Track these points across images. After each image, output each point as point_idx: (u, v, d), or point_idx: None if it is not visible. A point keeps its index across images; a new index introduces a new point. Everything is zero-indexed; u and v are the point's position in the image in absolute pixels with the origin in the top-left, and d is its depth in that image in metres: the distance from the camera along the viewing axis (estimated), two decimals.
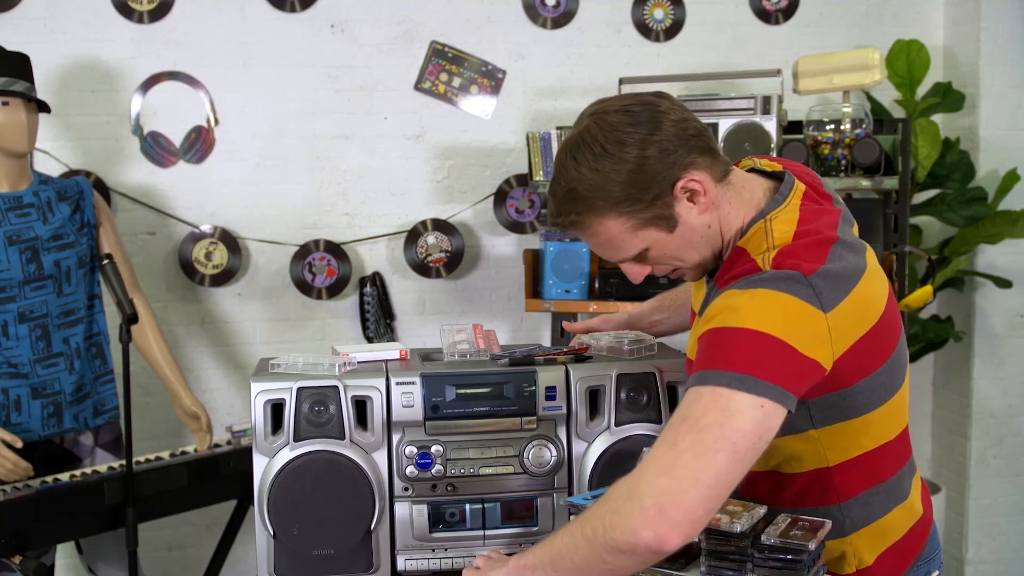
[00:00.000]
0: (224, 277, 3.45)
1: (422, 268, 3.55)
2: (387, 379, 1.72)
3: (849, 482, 1.54)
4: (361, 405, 1.71)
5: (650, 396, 1.76)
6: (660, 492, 1.28)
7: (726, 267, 1.53)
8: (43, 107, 2.66)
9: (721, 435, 1.30)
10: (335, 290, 3.51)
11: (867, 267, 1.49)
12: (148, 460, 2.62)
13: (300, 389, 1.68)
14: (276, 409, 1.69)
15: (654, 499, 1.28)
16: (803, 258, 1.42)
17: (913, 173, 3.33)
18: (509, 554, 1.54)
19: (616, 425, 1.74)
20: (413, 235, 3.55)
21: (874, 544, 1.56)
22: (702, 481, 1.28)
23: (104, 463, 2.65)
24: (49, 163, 3.27)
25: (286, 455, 1.66)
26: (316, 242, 3.49)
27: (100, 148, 3.36)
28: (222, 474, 2.66)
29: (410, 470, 1.71)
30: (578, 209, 1.49)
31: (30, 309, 2.59)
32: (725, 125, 2.98)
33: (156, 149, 3.40)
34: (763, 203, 1.53)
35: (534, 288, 3.25)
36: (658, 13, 3.68)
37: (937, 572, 1.66)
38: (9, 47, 2.63)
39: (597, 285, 3.16)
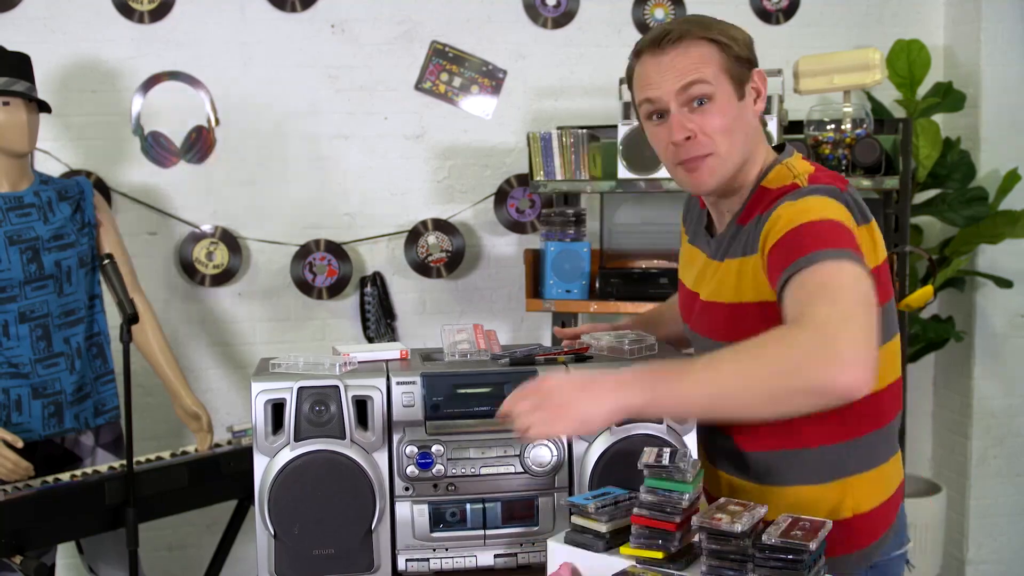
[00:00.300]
0: (225, 277, 3.45)
1: (423, 268, 3.55)
2: (388, 379, 1.72)
3: (860, 420, 1.60)
4: (362, 405, 1.70)
5: None
6: (850, 341, 1.31)
7: (752, 205, 1.61)
8: (44, 107, 2.66)
9: (859, 294, 1.38)
10: (336, 290, 3.51)
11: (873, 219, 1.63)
12: (148, 460, 2.61)
13: (301, 389, 1.68)
14: (277, 409, 1.69)
15: (846, 345, 1.31)
16: (834, 180, 1.58)
17: (914, 173, 3.33)
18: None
19: (617, 425, 1.74)
20: (414, 235, 3.55)
21: (872, 493, 1.63)
22: (870, 333, 1.34)
23: (105, 463, 2.65)
24: (49, 163, 3.27)
25: (287, 455, 1.66)
26: (317, 242, 3.49)
27: (101, 148, 3.36)
28: (222, 474, 2.66)
29: (411, 470, 1.71)
30: (696, 28, 1.60)
31: (31, 309, 2.59)
32: None
33: (157, 149, 3.40)
34: (773, 156, 1.68)
35: (535, 288, 3.25)
36: (659, 13, 3.69)
37: (909, 545, 1.71)
38: (9, 47, 2.63)
39: (597, 285, 3.16)
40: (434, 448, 1.72)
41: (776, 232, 1.49)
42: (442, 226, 3.57)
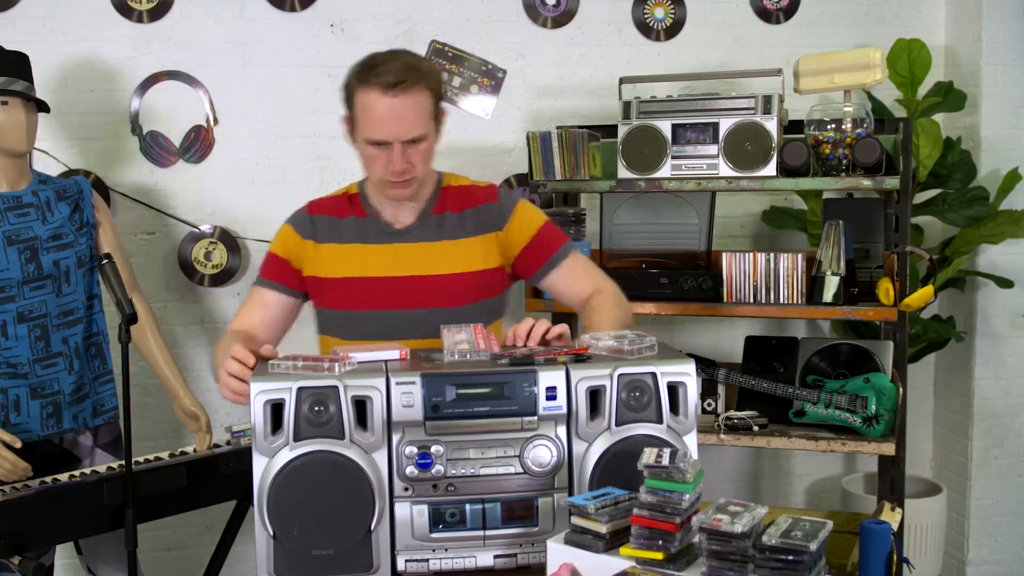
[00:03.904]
0: (223, 277, 3.44)
1: None
2: (387, 379, 1.71)
3: None
4: (361, 405, 1.70)
5: (650, 396, 1.75)
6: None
7: (446, 200, 2.21)
8: (42, 106, 2.66)
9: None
10: None
11: None
12: (147, 460, 2.61)
13: (300, 389, 1.68)
14: (276, 409, 1.68)
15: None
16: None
17: (914, 173, 3.33)
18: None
19: (616, 425, 1.74)
20: None
21: None
22: None
23: (103, 463, 2.65)
24: (48, 162, 3.27)
25: (286, 455, 1.66)
26: None
27: (99, 148, 3.36)
28: (222, 474, 2.65)
29: (410, 470, 1.71)
30: (422, 79, 2.03)
31: (29, 309, 2.59)
32: (726, 125, 2.97)
33: (155, 149, 3.39)
34: None
35: (534, 288, 3.24)
36: (659, 12, 3.68)
37: None
38: (8, 46, 2.63)
39: None
40: (433, 448, 1.71)
41: (531, 227, 2.22)
42: None
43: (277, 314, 2.25)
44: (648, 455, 1.54)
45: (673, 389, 1.77)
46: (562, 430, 1.75)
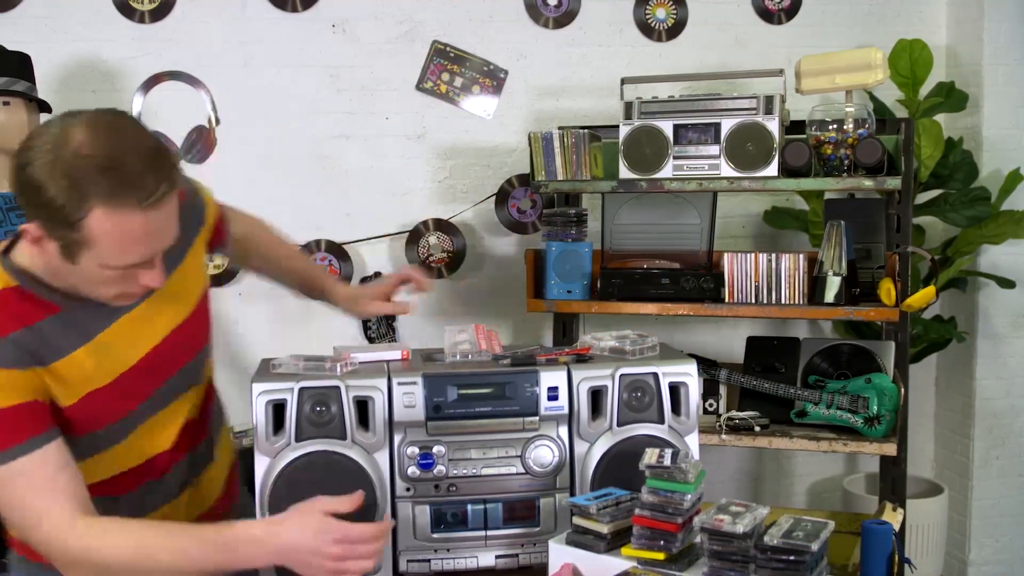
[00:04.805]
0: (226, 277, 3.44)
1: (423, 268, 3.55)
2: (389, 379, 1.71)
3: None
4: (363, 405, 1.70)
5: (652, 396, 1.75)
6: None
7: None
8: (44, 107, 2.66)
9: None
10: None
11: None
12: None
13: (302, 389, 1.68)
14: (278, 409, 1.69)
15: None
16: None
17: (916, 173, 3.32)
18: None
19: (618, 425, 1.74)
20: (415, 235, 3.55)
21: None
22: None
23: None
24: None
25: (288, 455, 1.66)
26: (317, 242, 3.49)
27: None
28: None
29: (412, 470, 1.71)
30: (171, 179, 1.46)
31: None
32: (727, 125, 2.97)
33: None
34: None
35: (536, 288, 3.24)
36: (660, 13, 3.68)
37: None
38: (10, 47, 2.63)
39: (599, 285, 3.15)
40: (435, 449, 1.71)
41: (213, 201, 1.86)
42: (443, 226, 3.56)
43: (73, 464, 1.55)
44: (649, 455, 1.54)
45: (674, 389, 1.77)
46: (564, 430, 1.75)
